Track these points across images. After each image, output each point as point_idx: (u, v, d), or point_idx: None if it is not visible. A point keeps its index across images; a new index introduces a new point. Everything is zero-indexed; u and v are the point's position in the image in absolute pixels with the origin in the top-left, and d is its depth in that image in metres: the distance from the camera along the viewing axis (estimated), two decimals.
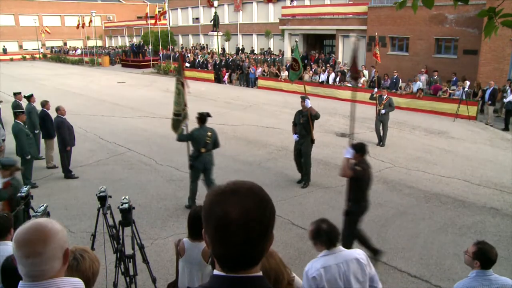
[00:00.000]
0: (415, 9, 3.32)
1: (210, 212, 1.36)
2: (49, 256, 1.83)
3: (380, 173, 11.18)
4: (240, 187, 1.39)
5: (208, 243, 1.40)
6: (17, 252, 1.83)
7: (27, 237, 1.81)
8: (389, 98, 13.77)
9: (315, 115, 10.01)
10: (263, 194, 1.40)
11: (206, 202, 1.40)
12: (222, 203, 1.34)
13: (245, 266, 1.39)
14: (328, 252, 3.82)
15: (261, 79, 27.42)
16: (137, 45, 45.57)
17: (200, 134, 8.81)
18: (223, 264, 1.39)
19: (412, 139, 14.66)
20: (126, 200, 5.46)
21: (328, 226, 3.85)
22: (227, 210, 1.32)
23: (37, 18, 59.76)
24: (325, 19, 29.41)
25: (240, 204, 1.33)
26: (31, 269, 1.82)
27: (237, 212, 1.32)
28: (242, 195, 1.36)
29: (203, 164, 8.87)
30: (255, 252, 1.38)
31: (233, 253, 1.36)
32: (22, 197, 5.97)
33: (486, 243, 4.03)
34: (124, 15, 66.03)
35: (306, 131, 10.16)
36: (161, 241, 7.65)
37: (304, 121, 10.11)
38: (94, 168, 11.98)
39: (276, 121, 17.20)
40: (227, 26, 43.62)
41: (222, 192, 1.38)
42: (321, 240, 3.85)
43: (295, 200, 9.46)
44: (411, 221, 8.43)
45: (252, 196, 1.37)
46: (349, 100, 21.62)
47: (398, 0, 3.36)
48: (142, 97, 24.07)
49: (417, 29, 23.75)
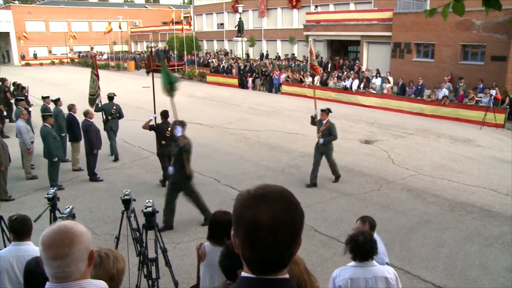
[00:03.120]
0: (445, 16, 3.25)
1: (241, 216, 1.38)
2: (75, 258, 1.86)
3: (404, 180, 11.05)
4: (270, 192, 1.40)
5: (237, 246, 1.42)
6: (44, 254, 1.87)
7: (54, 239, 1.85)
8: (329, 124, 10.78)
9: (184, 149, 8.28)
10: (293, 198, 1.42)
11: (236, 206, 1.42)
12: (253, 207, 1.36)
13: (274, 269, 1.41)
14: (359, 264, 3.79)
15: (285, 84, 27.41)
16: (162, 50, 46.04)
17: (107, 107, 13.25)
18: (252, 266, 1.41)
19: (437, 147, 14.44)
20: (150, 203, 5.51)
21: (365, 239, 3.81)
22: (258, 214, 1.34)
23: (66, 24, 61.05)
24: (350, 25, 29.24)
25: (270, 208, 1.35)
26: (58, 270, 1.85)
27: (267, 216, 1.34)
28: (272, 200, 1.37)
29: (110, 127, 13.15)
30: (284, 256, 1.40)
31: (262, 257, 1.37)
32: (49, 198, 6.08)
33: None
34: (149, 21, 66.90)
35: (179, 164, 8.40)
36: (184, 245, 7.70)
37: (176, 152, 8.50)
38: (118, 171, 12.14)
39: (300, 127, 17.16)
40: (251, 31, 43.75)
41: (252, 196, 1.39)
42: (355, 251, 3.81)
43: (318, 207, 9.42)
44: (436, 230, 8.30)
45: (282, 200, 1.39)
46: (374, 107, 21.56)
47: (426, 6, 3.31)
48: (167, 101, 24.13)
49: (443, 35, 23.41)
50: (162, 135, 10.59)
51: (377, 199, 9.84)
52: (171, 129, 9.54)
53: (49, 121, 10.88)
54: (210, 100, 25.05)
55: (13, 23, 59.24)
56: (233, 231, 1.44)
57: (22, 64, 57.77)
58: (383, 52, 27.40)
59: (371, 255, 3.82)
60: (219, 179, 11.26)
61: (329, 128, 10.74)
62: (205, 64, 38.70)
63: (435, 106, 19.59)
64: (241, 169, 11.91)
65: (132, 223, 5.88)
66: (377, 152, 13.66)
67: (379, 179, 11.21)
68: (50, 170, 10.61)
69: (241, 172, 11.47)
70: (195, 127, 17.50)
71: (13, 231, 4.34)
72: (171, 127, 9.53)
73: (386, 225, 8.21)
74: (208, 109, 21.91)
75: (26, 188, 10.83)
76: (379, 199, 9.87)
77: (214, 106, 22.77)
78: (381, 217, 8.84)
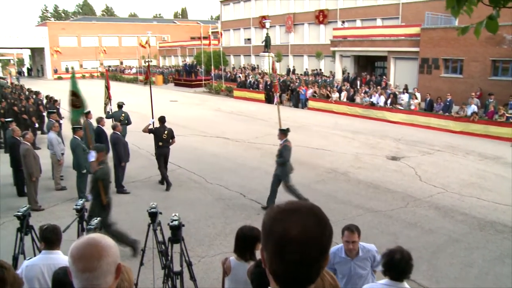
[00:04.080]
0: (477, 34, 3.21)
1: (271, 230, 1.38)
2: (103, 271, 1.89)
3: (431, 198, 10.88)
4: (300, 207, 1.42)
5: (265, 260, 1.42)
6: (73, 266, 1.91)
7: (83, 252, 1.89)
8: (283, 145, 10.05)
9: (97, 175, 7.68)
10: (323, 214, 1.43)
11: (266, 220, 1.42)
12: (283, 221, 1.37)
13: (302, 284, 1.40)
14: (390, 283, 3.72)
15: (311, 100, 27.40)
16: (190, 64, 46.68)
17: (117, 114, 14.90)
18: (280, 281, 1.41)
19: (466, 164, 14.18)
20: (176, 217, 5.56)
21: (402, 258, 3.73)
22: (288, 228, 1.35)
23: (97, 39, 62.60)
24: (377, 41, 29.13)
25: (300, 222, 1.36)
26: (86, 283, 1.89)
27: (298, 231, 1.34)
28: (302, 214, 1.38)
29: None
30: (312, 271, 1.40)
31: (290, 271, 1.37)
32: (77, 209, 6.20)
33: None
34: (178, 36, 68.02)
35: (95, 192, 7.76)
36: (209, 259, 7.72)
37: (92, 179, 7.93)
38: (145, 184, 12.28)
39: (326, 142, 17.10)
40: (278, 47, 44.00)
41: (282, 210, 1.40)
42: (388, 266, 3.76)
43: (343, 223, 9.24)
44: (464, 250, 8.12)
45: (313, 215, 1.40)
46: (401, 123, 21.34)
47: (454, 22, 3.29)
48: (194, 115, 24.58)
49: (472, 51, 23.08)
50: (159, 138, 11.79)
51: (404, 216, 9.70)
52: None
53: (79, 133, 11.15)
54: (236, 114, 25.20)
55: (48, 38, 61.47)
56: (261, 245, 1.45)
57: (55, 78, 59.50)
58: (410, 68, 27.16)
59: (403, 275, 3.74)
60: (245, 193, 11.28)
61: (281, 150, 10.06)
62: (232, 78, 39.03)
63: (464, 122, 19.29)
64: (266, 184, 11.86)
65: (158, 236, 5.93)
66: (404, 169, 13.50)
67: (406, 196, 11.06)
68: (79, 182, 10.82)
69: (266, 187, 11.44)
70: (222, 141, 17.64)
71: (44, 240, 4.48)
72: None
73: (413, 243, 8.07)
74: (234, 123, 22.05)
75: (55, 198, 11.06)
76: (406, 216, 9.72)
77: (241, 121, 22.90)
78: (408, 234, 8.72)
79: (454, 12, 3.35)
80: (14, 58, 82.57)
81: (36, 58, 70.09)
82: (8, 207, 10.16)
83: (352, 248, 4.63)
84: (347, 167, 13.60)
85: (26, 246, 6.12)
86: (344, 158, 14.68)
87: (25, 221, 6.02)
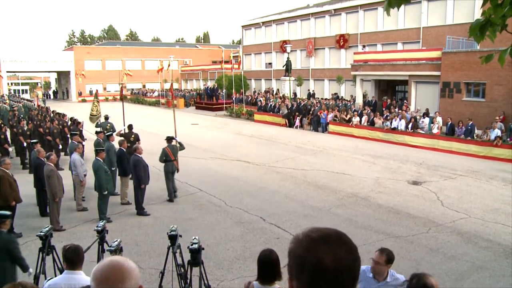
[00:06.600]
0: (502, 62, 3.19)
1: (303, 260, 1.38)
2: None
3: (453, 223, 10.69)
4: (329, 234, 1.42)
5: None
6: None
7: (107, 274, 1.92)
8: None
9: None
10: (351, 242, 1.44)
11: (295, 249, 1.42)
12: (315, 250, 1.37)
13: None
14: None
15: (332, 124, 27.37)
16: (211, 88, 47.18)
17: (104, 124, 18.18)
18: None
19: (489, 189, 13.93)
20: (196, 240, 5.58)
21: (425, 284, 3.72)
22: (321, 257, 1.35)
23: (120, 63, 63.87)
24: (398, 65, 29.07)
25: (333, 251, 1.37)
26: None
27: (331, 260, 1.35)
28: (333, 243, 1.39)
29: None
30: None
31: None
32: (98, 231, 6.27)
33: None
34: (199, 60, 68.97)
35: None
36: (227, 283, 7.68)
37: None
38: (165, 206, 12.35)
39: (347, 167, 17.01)
40: (299, 71, 44.23)
41: (313, 239, 1.40)
42: None
43: (363, 248, 9.22)
44: (489, 277, 7.94)
45: (343, 244, 1.41)
46: (422, 147, 21.15)
47: (476, 46, 3.29)
48: (214, 138, 24.74)
49: (495, 74, 22.84)
50: (128, 140, 14.28)
51: (425, 242, 9.54)
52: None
53: (101, 155, 11.34)
54: (257, 138, 25.28)
55: (73, 62, 63.08)
56: (289, 273, 1.45)
57: (79, 100, 60.71)
58: (431, 92, 26.99)
59: None
60: (265, 217, 11.25)
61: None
62: (253, 102, 39.27)
63: (487, 146, 19.02)
64: (286, 208, 11.86)
65: (178, 259, 5.95)
66: (425, 194, 13.32)
67: (427, 221, 10.89)
68: (100, 203, 10.96)
69: (286, 211, 11.42)
70: (242, 164, 17.68)
71: (66, 260, 4.54)
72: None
73: (435, 270, 7.94)
74: (255, 147, 22.10)
75: (76, 219, 11.19)
76: (428, 242, 9.57)
77: (261, 144, 22.94)
78: (430, 261, 8.57)
79: (477, 39, 3.36)
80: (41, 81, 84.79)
81: (62, 81, 71.81)
82: (30, 227, 10.33)
83: (373, 266, 4.58)
84: (367, 192, 13.49)
85: (47, 266, 6.20)
86: (365, 183, 14.57)
87: (47, 241, 6.11)
